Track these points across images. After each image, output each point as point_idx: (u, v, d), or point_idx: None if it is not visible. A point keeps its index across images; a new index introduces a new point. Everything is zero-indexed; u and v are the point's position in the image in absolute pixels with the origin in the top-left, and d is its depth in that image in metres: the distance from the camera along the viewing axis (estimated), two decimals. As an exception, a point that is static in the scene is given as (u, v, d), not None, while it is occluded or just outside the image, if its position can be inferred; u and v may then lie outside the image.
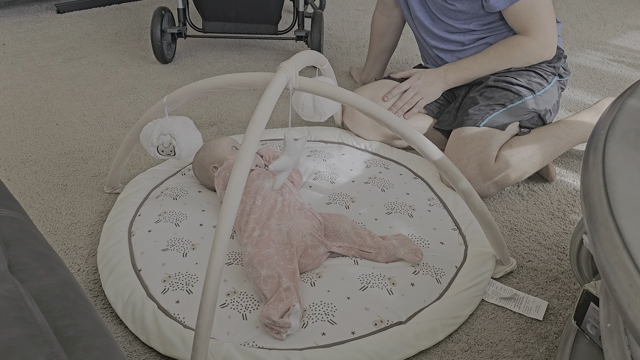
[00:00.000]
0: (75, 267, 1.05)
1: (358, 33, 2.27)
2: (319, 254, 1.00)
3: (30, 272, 0.53)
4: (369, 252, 1.03)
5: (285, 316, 0.85)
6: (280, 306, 0.87)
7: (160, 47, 1.88)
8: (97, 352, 0.46)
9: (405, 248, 1.02)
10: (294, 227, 1.00)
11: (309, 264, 1.00)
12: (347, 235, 1.04)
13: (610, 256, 0.45)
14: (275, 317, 0.85)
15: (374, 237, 1.04)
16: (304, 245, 0.98)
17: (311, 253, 0.99)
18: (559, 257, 1.09)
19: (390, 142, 1.42)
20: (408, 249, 1.02)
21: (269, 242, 0.97)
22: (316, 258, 1.00)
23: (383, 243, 1.03)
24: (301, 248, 0.98)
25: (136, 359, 0.87)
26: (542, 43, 1.27)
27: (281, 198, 1.06)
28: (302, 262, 0.99)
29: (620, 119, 0.62)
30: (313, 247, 0.99)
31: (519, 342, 0.91)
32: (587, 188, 0.53)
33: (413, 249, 1.02)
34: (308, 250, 0.99)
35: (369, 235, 1.04)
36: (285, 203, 1.05)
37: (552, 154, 1.27)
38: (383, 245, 1.03)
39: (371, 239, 1.04)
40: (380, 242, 1.03)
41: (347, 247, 1.03)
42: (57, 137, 1.50)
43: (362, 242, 1.03)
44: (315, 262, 1.00)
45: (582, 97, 1.75)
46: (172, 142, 1.04)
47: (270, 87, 0.86)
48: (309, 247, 0.99)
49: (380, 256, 1.02)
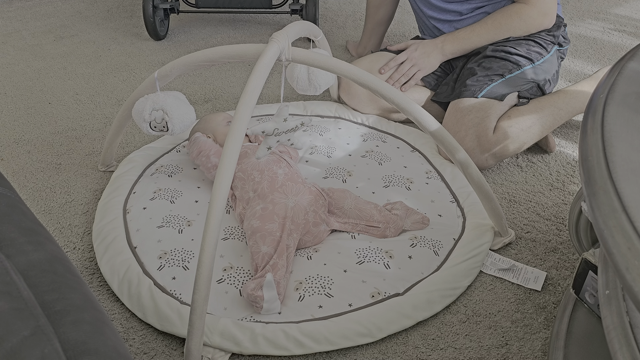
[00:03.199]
0: (71, 245, 1.05)
1: (354, 6, 2.23)
2: (320, 231, 0.99)
3: (18, 247, 0.52)
4: (377, 227, 1.01)
5: (257, 288, 0.85)
6: (258, 280, 0.86)
7: (152, 24, 1.85)
8: (86, 325, 0.45)
9: (411, 219, 1.02)
10: (299, 202, 0.98)
11: (309, 240, 0.99)
12: (352, 211, 1.02)
13: (609, 219, 0.44)
14: (249, 289, 0.85)
15: (381, 211, 1.02)
16: (305, 222, 0.97)
17: (312, 230, 0.98)
18: (558, 228, 1.08)
19: (387, 115, 1.40)
20: (414, 220, 1.02)
21: (273, 217, 0.95)
22: (317, 235, 0.99)
23: (391, 217, 1.02)
24: (302, 224, 0.97)
25: (133, 335, 0.87)
26: (541, 11, 1.25)
27: (282, 171, 1.04)
28: (303, 239, 0.98)
29: (620, 82, 0.61)
30: (315, 225, 0.98)
31: (517, 313, 0.90)
32: (585, 152, 0.52)
33: (419, 219, 1.02)
34: (310, 227, 0.98)
35: (375, 209, 1.02)
36: (287, 177, 1.04)
37: (551, 125, 1.25)
38: (391, 219, 1.01)
39: (378, 213, 1.02)
40: (388, 215, 1.02)
41: (353, 223, 1.02)
42: (50, 116, 1.48)
43: (369, 217, 1.01)
44: (315, 239, 0.99)
45: (582, 67, 1.72)
46: (164, 117, 1.03)
47: (262, 58, 0.84)
48: (311, 225, 0.98)
49: (389, 230, 1.01)
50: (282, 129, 0.90)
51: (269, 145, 0.90)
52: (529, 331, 0.87)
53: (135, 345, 0.85)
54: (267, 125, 0.89)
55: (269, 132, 0.89)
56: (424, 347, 0.85)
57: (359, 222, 1.02)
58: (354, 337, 0.83)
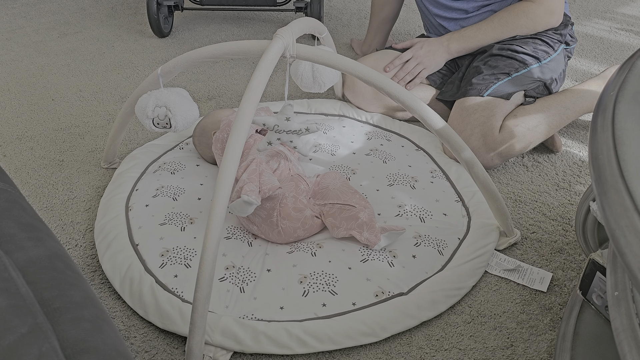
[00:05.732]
0: (73, 242, 1.04)
1: (359, 4, 2.22)
2: (306, 216, 0.98)
3: (17, 243, 0.51)
4: (352, 206, 0.98)
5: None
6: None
7: (157, 21, 1.84)
8: (85, 323, 0.44)
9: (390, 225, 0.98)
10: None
11: (299, 229, 0.97)
12: (334, 192, 1.00)
13: (620, 219, 0.42)
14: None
15: (362, 198, 1.01)
16: (285, 205, 0.96)
17: (294, 215, 0.96)
18: (564, 228, 1.07)
19: (392, 113, 1.39)
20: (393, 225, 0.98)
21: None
22: (304, 222, 0.97)
23: (368, 205, 1.00)
24: (283, 209, 0.96)
25: (134, 334, 0.86)
26: (548, 9, 1.23)
27: (277, 165, 1.04)
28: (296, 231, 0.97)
29: (631, 79, 0.59)
30: (297, 210, 0.97)
31: (522, 314, 0.89)
32: (595, 150, 0.50)
33: (396, 225, 0.99)
34: (290, 211, 0.96)
35: (357, 194, 1.01)
36: (277, 172, 1.03)
37: (557, 124, 1.24)
38: (369, 207, 0.99)
39: (359, 197, 1.00)
40: (367, 202, 1.00)
41: (330, 204, 0.99)
42: (53, 112, 1.48)
43: (347, 199, 0.99)
44: (306, 227, 0.98)
45: (589, 67, 1.70)
46: (167, 114, 1.02)
47: (267, 54, 0.83)
48: (292, 210, 0.96)
49: (363, 213, 0.97)
50: (282, 128, 0.89)
51: (269, 140, 0.90)
52: (535, 332, 0.86)
53: (136, 344, 0.84)
54: (269, 119, 0.88)
55: (269, 127, 0.89)
56: (428, 347, 0.84)
57: (337, 201, 0.99)
58: (358, 336, 0.82)
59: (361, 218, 0.96)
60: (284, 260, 0.95)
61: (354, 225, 0.96)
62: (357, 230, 0.96)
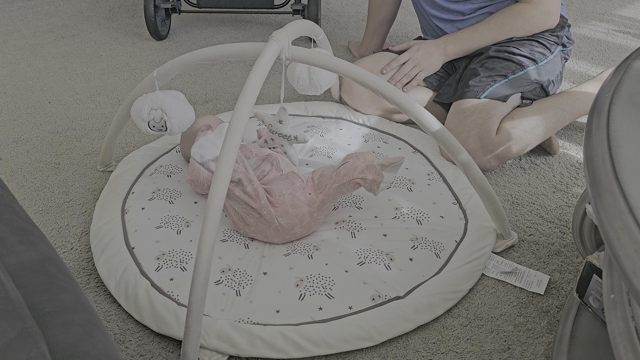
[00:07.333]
0: (68, 245, 1.04)
1: (357, 7, 2.22)
2: (304, 213, 0.97)
3: (8, 246, 0.51)
4: (346, 162, 0.97)
5: None
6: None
7: (154, 23, 1.84)
8: (76, 327, 0.44)
9: (386, 160, 0.97)
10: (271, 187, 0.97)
11: (296, 224, 0.97)
12: (328, 172, 0.99)
13: (615, 222, 0.42)
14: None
15: (350, 155, 1.00)
16: (282, 202, 0.95)
17: (292, 212, 0.96)
18: (562, 230, 1.07)
19: (389, 116, 1.39)
20: (388, 161, 0.97)
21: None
22: (302, 218, 0.97)
23: (360, 154, 0.98)
24: (281, 206, 0.95)
25: (130, 337, 0.86)
26: (544, 10, 1.23)
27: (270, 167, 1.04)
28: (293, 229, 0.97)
29: (626, 81, 0.59)
30: (294, 207, 0.96)
31: (519, 317, 0.89)
32: (590, 152, 0.50)
33: (392, 158, 0.97)
34: (288, 208, 0.96)
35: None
36: (270, 175, 1.03)
37: (555, 126, 1.24)
38: (360, 154, 0.98)
39: (349, 156, 0.99)
40: (357, 153, 0.99)
41: (326, 184, 0.98)
42: (49, 115, 1.47)
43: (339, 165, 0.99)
44: (303, 224, 0.97)
45: (586, 69, 1.70)
46: (163, 116, 1.01)
47: (262, 56, 0.83)
48: (289, 207, 0.96)
49: (358, 160, 0.96)
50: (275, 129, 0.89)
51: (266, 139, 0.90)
52: (532, 335, 0.86)
53: (131, 347, 0.84)
54: (267, 116, 0.88)
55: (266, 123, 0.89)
56: (425, 351, 0.83)
57: (331, 174, 0.98)
58: (354, 340, 0.82)
59: (359, 166, 0.95)
60: (280, 263, 0.95)
61: (355, 174, 0.95)
62: (360, 177, 0.95)
